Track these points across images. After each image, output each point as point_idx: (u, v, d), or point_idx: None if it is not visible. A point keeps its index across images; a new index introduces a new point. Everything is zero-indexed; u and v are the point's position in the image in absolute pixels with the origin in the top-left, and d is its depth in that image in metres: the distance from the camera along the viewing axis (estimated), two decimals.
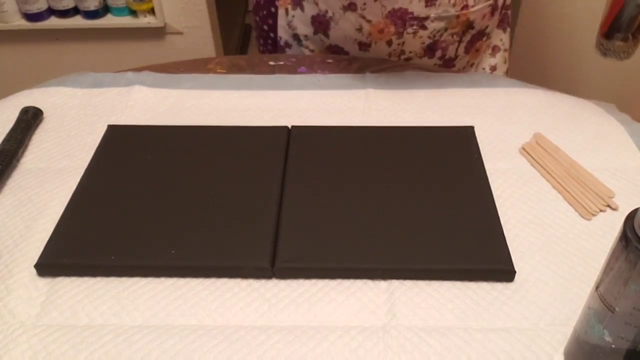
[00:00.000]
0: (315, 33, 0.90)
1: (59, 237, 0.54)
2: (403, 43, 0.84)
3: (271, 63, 0.82)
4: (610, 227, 0.56)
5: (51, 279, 0.52)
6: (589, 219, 0.57)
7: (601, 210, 0.58)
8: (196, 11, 1.57)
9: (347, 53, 0.89)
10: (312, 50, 0.93)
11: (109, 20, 1.54)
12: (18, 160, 0.65)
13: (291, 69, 0.81)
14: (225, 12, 1.79)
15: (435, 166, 0.61)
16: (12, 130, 0.67)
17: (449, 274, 0.51)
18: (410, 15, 0.81)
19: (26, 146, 0.67)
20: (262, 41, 1.01)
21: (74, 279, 0.52)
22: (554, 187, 0.61)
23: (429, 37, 0.84)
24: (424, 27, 0.82)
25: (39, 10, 1.49)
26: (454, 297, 0.50)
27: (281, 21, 0.94)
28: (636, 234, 0.35)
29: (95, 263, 0.52)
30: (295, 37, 0.93)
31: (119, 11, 1.53)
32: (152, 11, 1.54)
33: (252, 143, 0.65)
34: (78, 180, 0.61)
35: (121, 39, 1.60)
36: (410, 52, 0.86)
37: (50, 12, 1.51)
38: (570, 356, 0.45)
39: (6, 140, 0.65)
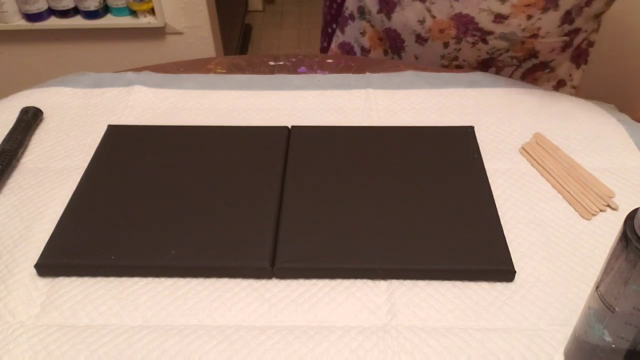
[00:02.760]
0: (379, 12, 0.88)
1: (59, 237, 0.54)
2: (459, 50, 0.83)
3: (271, 63, 0.82)
4: (610, 227, 0.56)
5: (51, 279, 0.52)
6: (589, 219, 0.57)
7: (601, 210, 0.58)
8: (196, 11, 1.57)
9: (402, 41, 0.87)
10: (372, 26, 0.91)
11: (109, 21, 1.54)
12: (18, 160, 0.65)
13: (291, 69, 0.81)
14: (225, 12, 1.79)
15: (435, 166, 0.61)
16: (12, 130, 0.67)
17: (449, 274, 0.51)
18: (475, 25, 0.79)
19: (26, 146, 0.67)
20: (328, 3, 0.99)
21: (74, 279, 0.52)
22: (553, 187, 0.61)
23: (487, 52, 0.82)
24: (484, 41, 0.80)
25: (38, 11, 1.49)
26: (454, 297, 0.50)
27: None
28: (636, 234, 0.35)
29: (95, 263, 0.52)
30: (360, 10, 0.91)
31: (119, 11, 1.54)
32: (152, 11, 1.54)
33: (252, 143, 0.65)
34: (78, 180, 0.61)
35: (121, 39, 1.60)
36: (464, 60, 0.84)
37: (50, 12, 1.51)
38: (570, 356, 0.45)
39: (6, 140, 0.65)
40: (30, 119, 0.69)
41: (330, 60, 0.82)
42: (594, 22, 0.86)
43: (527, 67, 0.85)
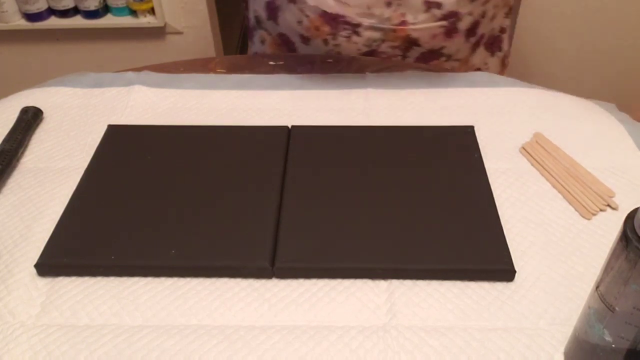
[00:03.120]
0: (268, 19, 0.90)
1: (59, 237, 0.54)
2: (339, 45, 0.84)
3: (271, 63, 0.82)
4: (610, 227, 0.56)
5: (51, 279, 0.52)
6: (589, 219, 0.57)
7: (601, 210, 0.58)
8: (196, 11, 1.57)
9: (293, 43, 0.89)
10: (269, 34, 0.93)
11: (109, 20, 1.54)
12: (18, 160, 0.65)
13: (291, 69, 0.81)
14: (225, 12, 1.79)
15: (435, 166, 0.61)
16: (12, 130, 0.67)
17: (449, 274, 0.51)
18: (342, 19, 0.80)
19: (26, 146, 0.67)
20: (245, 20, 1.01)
21: (74, 279, 0.52)
22: (554, 186, 0.61)
23: (365, 45, 0.83)
24: (357, 34, 0.81)
25: (38, 10, 1.48)
26: (454, 297, 0.50)
27: (250, 3, 0.94)
28: (636, 234, 0.35)
29: (95, 263, 0.52)
30: (257, 19, 0.94)
31: (119, 11, 1.53)
32: (152, 11, 1.54)
33: (252, 143, 0.65)
34: (78, 180, 0.61)
35: (121, 39, 1.60)
36: (348, 55, 0.85)
37: (50, 12, 1.51)
38: (570, 356, 0.45)
39: (6, 140, 0.65)
40: (30, 119, 0.69)
41: (330, 60, 0.82)
42: (482, 6, 0.85)
43: (415, 56, 0.86)
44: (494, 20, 0.92)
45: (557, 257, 0.53)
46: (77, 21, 1.52)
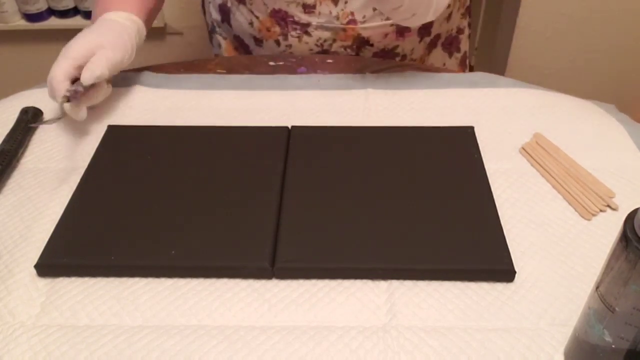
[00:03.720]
0: (222, 21, 0.91)
1: (59, 237, 0.54)
2: (290, 46, 0.84)
3: (271, 63, 0.82)
4: (610, 227, 0.56)
5: (51, 279, 0.52)
6: (589, 219, 0.57)
7: (601, 210, 0.58)
8: (196, 11, 1.57)
9: (247, 46, 0.89)
10: (224, 39, 0.93)
11: None
12: (18, 161, 0.65)
13: (291, 69, 0.81)
14: None
15: (435, 166, 0.61)
16: (12, 130, 0.67)
17: (449, 274, 0.51)
18: (291, 19, 0.80)
19: (26, 146, 0.67)
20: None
21: (74, 279, 0.52)
22: (554, 187, 0.61)
23: (316, 44, 0.83)
24: (308, 34, 0.81)
25: (38, 11, 1.48)
26: (454, 297, 0.50)
27: (205, 6, 0.95)
28: (636, 234, 0.35)
29: (95, 263, 0.52)
30: (213, 23, 0.94)
31: None
32: None
33: (252, 143, 0.65)
34: (78, 180, 0.61)
35: None
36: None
37: (50, 12, 1.51)
38: (570, 356, 0.45)
39: (6, 140, 0.65)
40: (30, 119, 0.69)
41: (330, 60, 0.82)
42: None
43: (368, 55, 0.85)
44: (450, 20, 0.91)
45: (557, 258, 0.53)
46: (77, 21, 1.52)
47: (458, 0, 0.90)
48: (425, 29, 0.85)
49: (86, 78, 0.64)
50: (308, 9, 0.78)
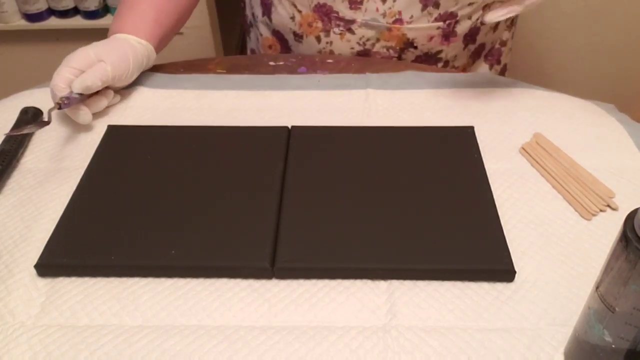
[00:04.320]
0: (262, 15, 0.90)
1: (59, 237, 0.54)
2: (331, 43, 0.83)
3: (271, 63, 0.82)
4: (610, 227, 0.56)
5: (51, 279, 0.52)
6: (589, 219, 0.57)
7: (601, 210, 0.58)
8: (196, 11, 1.56)
9: (287, 41, 0.89)
10: (265, 32, 0.92)
11: (109, 21, 1.53)
12: (18, 161, 0.65)
13: (291, 69, 0.81)
14: (225, 12, 1.79)
15: (435, 166, 0.61)
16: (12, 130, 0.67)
17: (449, 274, 0.51)
18: (336, 15, 0.79)
19: (26, 146, 0.67)
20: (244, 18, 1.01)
21: (74, 279, 0.52)
22: (554, 187, 0.61)
23: (358, 43, 0.82)
24: (351, 31, 0.80)
25: (38, 11, 1.48)
26: (454, 297, 0.50)
27: (247, 0, 0.94)
28: (636, 234, 0.35)
29: (95, 263, 0.52)
30: (253, 17, 0.94)
31: None
32: None
33: (252, 143, 0.65)
34: (78, 180, 0.61)
35: None
36: (340, 54, 0.84)
37: (50, 12, 1.51)
38: (570, 356, 0.45)
39: (6, 140, 0.65)
40: (30, 119, 0.69)
41: (330, 60, 0.82)
42: (484, 12, 0.83)
43: (411, 58, 0.85)
44: (496, 31, 0.91)
45: (557, 258, 0.53)
46: (77, 21, 1.52)
47: None
48: (471, 36, 0.85)
49: (75, 86, 0.66)
50: (354, 4, 0.77)
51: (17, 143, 0.65)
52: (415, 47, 0.83)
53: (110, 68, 0.68)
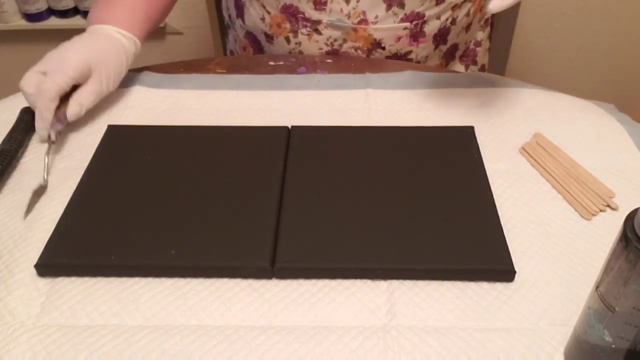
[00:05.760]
0: (237, 17, 0.91)
1: (59, 237, 0.54)
2: (300, 43, 0.83)
3: (271, 63, 0.82)
4: (610, 227, 0.56)
5: (51, 279, 0.52)
6: (589, 219, 0.57)
7: (601, 210, 0.58)
8: (196, 11, 1.57)
9: (259, 42, 0.89)
10: (240, 33, 0.93)
11: None
12: (18, 161, 0.65)
13: (291, 69, 0.81)
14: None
15: (435, 166, 0.61)
16: (12, 130, 0.67)
17: (449, 274, 0.51)
18: (302, 15, 0.79)
19: (26, 146, 0.67)
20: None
21: (74, 279, 0.52)
22: (554, 187, 0.61)
23: (326, 44, 0.82)
24: (318, 32, 0.80)
25: (38, 11, 1.48)
26: (454, 297, 0.50)
27: (223, 1, 0.95)
28: (636, 234, 0.35)
29: (95, 263, 0.52)
30: (230, 18, 0.94)
31: None
32: None
33: (252, 143, 0.65)
34: (78, 180, 0.61)
35: None
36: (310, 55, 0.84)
37: (50, 12, 1.51)
38: (570, 356, 0.45)
39: (6, 140, 0.65)
40: (30, 119, 0.69)
41: (330, 60, 0.82)
42: (451, 11, 0.83)
43: (381, 59, 0.84)
44: (468, 31, 0.90)
45: (557, 258, 0.53)
46: (77, 21, 1.52)
47: (479, 11, 0.89)
48: (441, 36, 0.84)
49: (72, 114, 0.66)
50: (319, 5, 0.78)
51: (17, 143, 0.65)
52: (384, 48, 0.82)
53: (105, 80, 0.69)
